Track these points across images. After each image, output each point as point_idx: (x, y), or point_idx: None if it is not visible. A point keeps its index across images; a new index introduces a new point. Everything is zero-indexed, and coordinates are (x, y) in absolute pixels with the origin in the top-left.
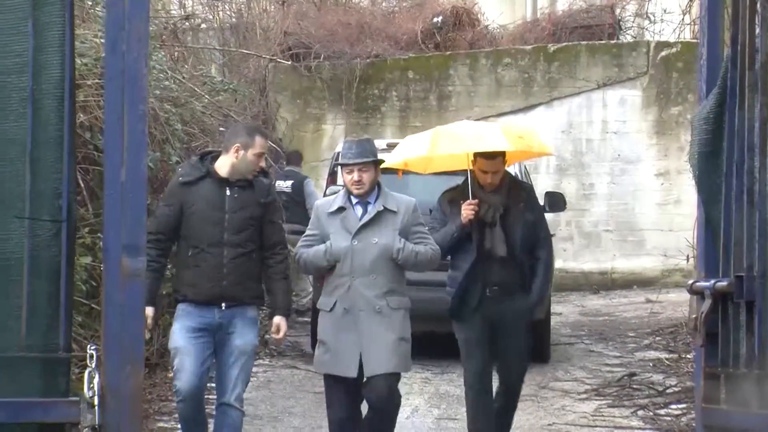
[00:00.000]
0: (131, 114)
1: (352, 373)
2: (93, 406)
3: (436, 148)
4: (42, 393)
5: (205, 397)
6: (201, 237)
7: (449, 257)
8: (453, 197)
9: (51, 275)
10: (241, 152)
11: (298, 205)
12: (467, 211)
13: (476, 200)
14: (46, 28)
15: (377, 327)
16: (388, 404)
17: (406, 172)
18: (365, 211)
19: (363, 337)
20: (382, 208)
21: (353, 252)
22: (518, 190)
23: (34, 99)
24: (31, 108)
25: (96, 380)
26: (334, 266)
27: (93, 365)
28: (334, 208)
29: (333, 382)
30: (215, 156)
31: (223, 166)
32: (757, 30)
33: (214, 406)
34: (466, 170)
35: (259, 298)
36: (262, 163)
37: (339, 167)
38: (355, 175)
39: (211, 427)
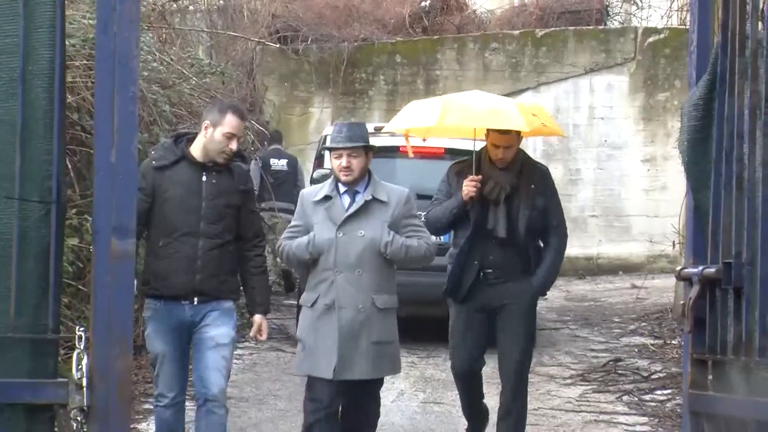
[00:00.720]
0: (122, 95)
1: (328, 374)
2: (81, 387)
3: (445, 118)
4: (30, 374)
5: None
6: (175, 225)
7: (452, 233)
8: (461, 169)
9: (40, 256)
10: (210, 130)
11: (292, 184)
12: (469, 187)
13: (479, 177)
14: (37, 9)
15: (358, 328)
16: (366, 412)
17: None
18: (353, 201)
19: (341, 337)
20: (370, 197)
21: (338, 244)
22: (531, 171)
23: (25, 80)
24: (21, 89)
25: (84, 362)
26: (317, 260)
27: (81, 347)
28: (320, 196)
29: (311, 380)
30: (191, 138)
31: (196, 148)
32: (747, 17)
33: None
34: (471, 139)
35: (235, 292)
36: (233, 145)
37: (327, 151)
38: (344, 161)
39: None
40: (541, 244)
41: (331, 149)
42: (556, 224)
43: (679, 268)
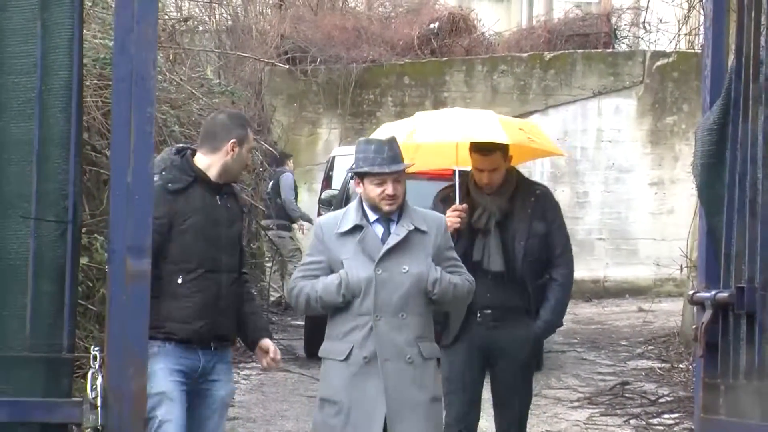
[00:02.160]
0: (139, 116)
1: None
2: (96, 407)
3: (416, 134)
4: (45, 393)
5: None
6: (196, 259)
7: None
8: (446, 195)
9: (55, 276)
10: (237, 149)
11: (274, 202)
12: (452, 219)
13: (464, 205)
14: (55, 30)
15: (409, 384)
16: None
17: None
18: (387, 231)
19: (390, 396)
20: (412, 227)
21: (377, 284)
22: (527, 193)
23: (42, 100)
24: (38, 109)
25: (99, 381)
26: (350, 303)
27: (96, 366)
28: (348, 227)
29: None
30: (192, 153)
31: (212, 167)
32: (762, 42)
33: None
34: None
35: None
36: (249, 161)
37: (356, 176)
38: (390, 188)
39: None
40: (547, 276)
41: (368, 174)
42: (560, 252)
43: (691, 292)
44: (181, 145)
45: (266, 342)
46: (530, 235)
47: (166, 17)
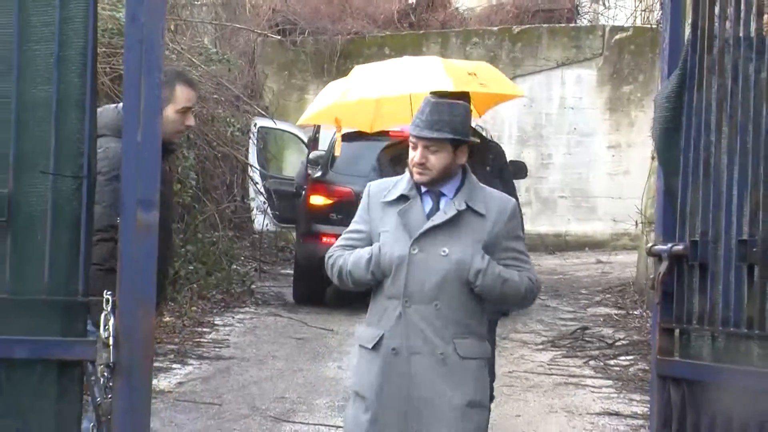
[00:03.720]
0: (148, 81)
1: None
2: (108, 345)
3: (350, 92)
4: (62, 333)
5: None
6: None
7: None
8: (395, 154)
9: (72, 226)
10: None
11: None
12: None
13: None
14: (71, 2)
15: (440, 384)
16: None
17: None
18: (436, 207)
19: (414, 395)
20: (464, 206)
21: (410, 264)
22: (484, 150)
23: (59, 66)
24: (57, 74)
25: (111, 323)
26: (381, 282)
27: (108, 309)
28: (394, 196)
29: None
30: None
31: None
32: (716, 18)
33: None
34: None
35: None
36: (190, 121)
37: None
38: (418, 155)
39: None
40: None
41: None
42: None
43: (649, 245)
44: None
45: None
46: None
47: None
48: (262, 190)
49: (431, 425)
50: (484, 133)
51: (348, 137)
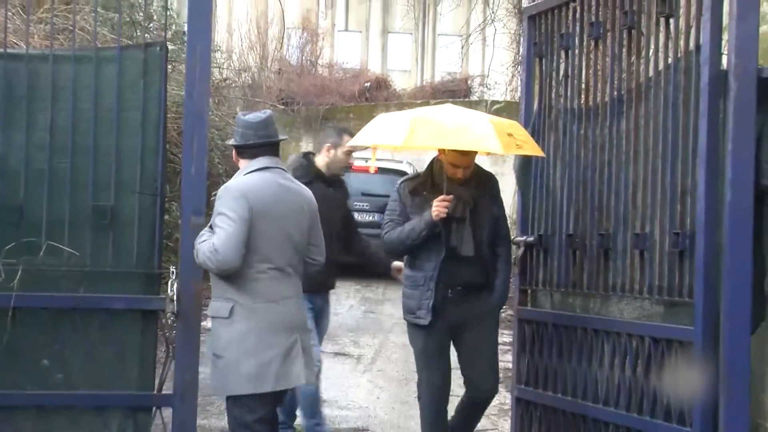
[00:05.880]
0: (198, 135)
1: None
2: (173, 301)
3: (414, 137)
4: (145, 293)
5: None
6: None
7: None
8: (415, 187)
9: (150, 226)
10: (333, 152)
11: None
12: (440, 208)
13: (450, 196)
14: (151, 85)
15: None
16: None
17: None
18: None
19: None
20: None
21: None
22: (485, 181)
23: (143, 126)
24: (140, 131)
25: (174, 286)
26: None
27: (173, 277)
28: None
29: None
30: (313, 156)
31: (321, 166)
32: (553, 96)
33: None
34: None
35: None
36: (351, 160)
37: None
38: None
39: None
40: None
41: None
42: (505, 233)
43: (513, 237)
44: (306, 150)
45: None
46: (490, 220)
47: (214, 78)
48: None
49: None
50: (410, 170)
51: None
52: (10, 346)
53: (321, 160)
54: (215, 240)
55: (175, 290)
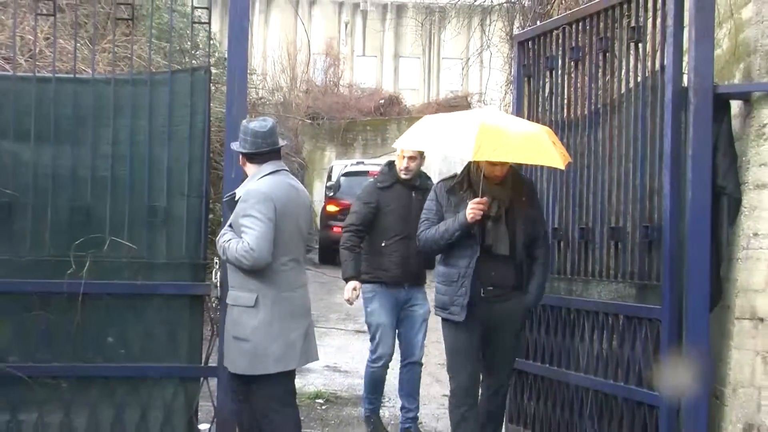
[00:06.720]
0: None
1: None
2: (216, 287)
3: (482, 153)
4: (192, 280)
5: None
6: (393, 231)
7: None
8: (452, 187)
9: (197, 224)
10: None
11: None
12: (476, 210)
13: (485, 198)
14: (198, 103)
15: None
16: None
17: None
18: None
19: None
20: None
21: None
22: (521, 182)
23: (191, 138)
24: (188, 143)
25: (218, 274)
26: None
27: (216, 267)
28: None
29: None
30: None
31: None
32: (540, 110)
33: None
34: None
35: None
36: (406, 163)
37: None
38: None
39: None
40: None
41: None
42: (543, 234)
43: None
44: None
45: None
46: (527, 221)
47: (250, 97)
48: None
49: None
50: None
51: (347, 174)
52: (81, 326)
53: (397, 167)
54: (249, 240)
55: (218, 278)
